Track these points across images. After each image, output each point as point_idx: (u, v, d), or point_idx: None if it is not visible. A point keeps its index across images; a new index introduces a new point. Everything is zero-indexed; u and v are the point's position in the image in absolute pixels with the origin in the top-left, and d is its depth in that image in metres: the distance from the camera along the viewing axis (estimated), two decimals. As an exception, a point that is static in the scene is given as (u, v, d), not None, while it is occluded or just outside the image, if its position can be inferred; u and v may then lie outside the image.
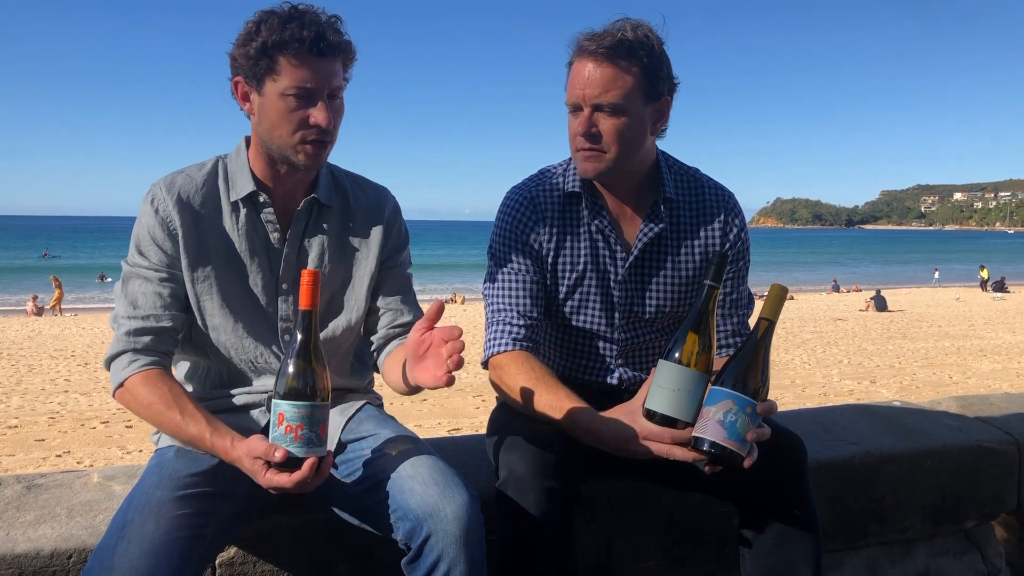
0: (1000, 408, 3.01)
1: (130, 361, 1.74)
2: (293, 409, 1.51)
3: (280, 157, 1.81)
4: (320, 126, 1.73)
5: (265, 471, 1.53)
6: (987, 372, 12.70)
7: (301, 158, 1.77)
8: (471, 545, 1.56)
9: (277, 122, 1.75)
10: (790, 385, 11.43)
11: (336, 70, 1.76)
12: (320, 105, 1.73)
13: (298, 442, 1.51)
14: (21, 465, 7.32)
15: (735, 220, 2.10)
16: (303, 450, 1.51)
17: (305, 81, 1.71)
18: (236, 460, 1.60)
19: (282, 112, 1.73)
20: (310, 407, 1.52)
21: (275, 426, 1.53)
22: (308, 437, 1.52)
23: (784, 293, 1.61)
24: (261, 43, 1.70)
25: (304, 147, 1.76)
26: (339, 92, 1.79)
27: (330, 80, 1.74)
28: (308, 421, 1.51)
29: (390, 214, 2.02)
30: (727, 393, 1.54)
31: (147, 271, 1.80)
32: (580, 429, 1.73)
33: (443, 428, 8.72)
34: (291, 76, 1.71)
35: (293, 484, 1.51)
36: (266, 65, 1.71)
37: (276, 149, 1.80)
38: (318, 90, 1.73)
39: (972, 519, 2.67)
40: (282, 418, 1.51)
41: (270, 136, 1.78)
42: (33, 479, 2.07)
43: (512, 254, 2.03)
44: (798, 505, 1.84)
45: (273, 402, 1.54)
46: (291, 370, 1.52)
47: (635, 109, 1.90)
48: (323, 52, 1.71)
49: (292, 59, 1.70)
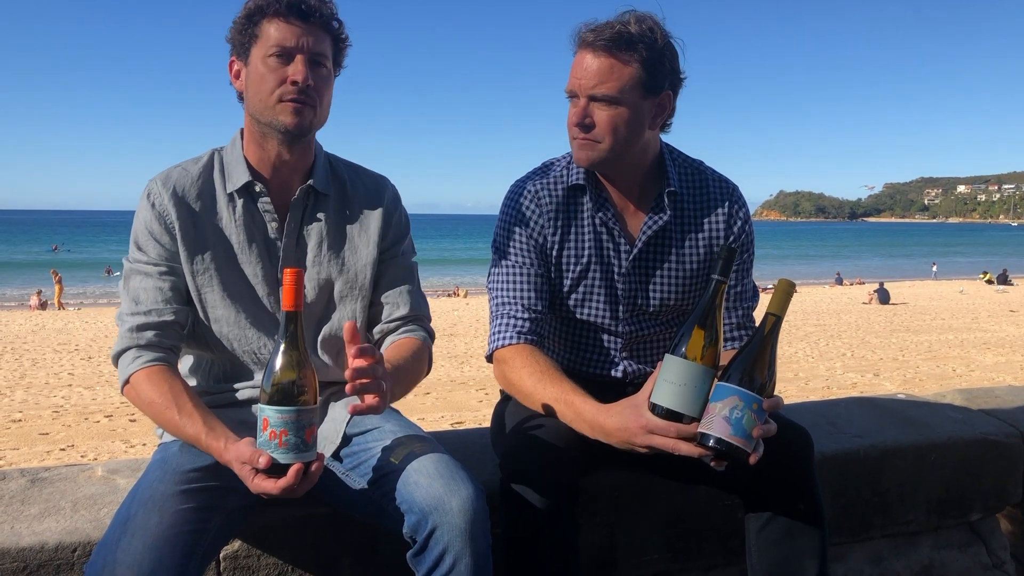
0: (1005, 401, 3.00)
1: (135, 357, 1.75)
2: (277, 415, 1.48)
3: (267, 125, 1.81)
4: (297, 81, 1.75)
5: (253, 476, 1.51)
6: (991, 365, 12.68)
7: (283, 118, 1.78)
8: (477, 538, 1.56)
9: (259, 85, 1.78)
10: (794, 378, 11.43)
11: (319, 36, 1.79)
12: (298, 60, 1.76)
13: (283, 448, 1.48)
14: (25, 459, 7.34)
15: (739, 212, 2.09)
16: (289, 456, 1.48)
17: (284, 40, 1.75)
18: (228, 463, 1.59)
19: (263, 74, 1.77)
20: (295, 412, 1.48)
21: (260, 431, 1.50)
22: (294, 443, 1.49)
23: (791, 288, 1.60)
24: (247, 12, 1.77)
25: (283, 106, 1.77)
26: (323, 59, 1.80)
27: (310, 41, 1.77)
28: (293, 426, 1.48)
29: (390, 202, 2.01)
30: (733, 389, 1.53)
31: (147, 266, 1.80)
32: (585, 422, 1.73)
33: (446, 421, 8.73)
34: (271, 37, 1.76)
35: (279, 491, 1.49)
36: (251, 33, 1.77)
37: (262, 115, 1.80)
38: (297, 48, 1.76)
39: (977, 512, 2.67)
40: (266, 423, 1.48)
41: (255, 105, 1.80)
42: (37, 472, 2.07)
43: (516, 248, 2.02)
44: (804, 498, 1.84)
45: (258, 406, 1.51)
46: (275, 374, 1.49)
47: (632, 102, 1.89)
48: (303, 14, 1.75)
49: (272, 20, 1.76)
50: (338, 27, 1.84)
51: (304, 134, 1.83)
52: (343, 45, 1.87)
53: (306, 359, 1.51)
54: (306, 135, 1.84)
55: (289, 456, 1.48)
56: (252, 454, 1.50)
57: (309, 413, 1.51)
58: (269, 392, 1.49)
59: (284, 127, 1.79)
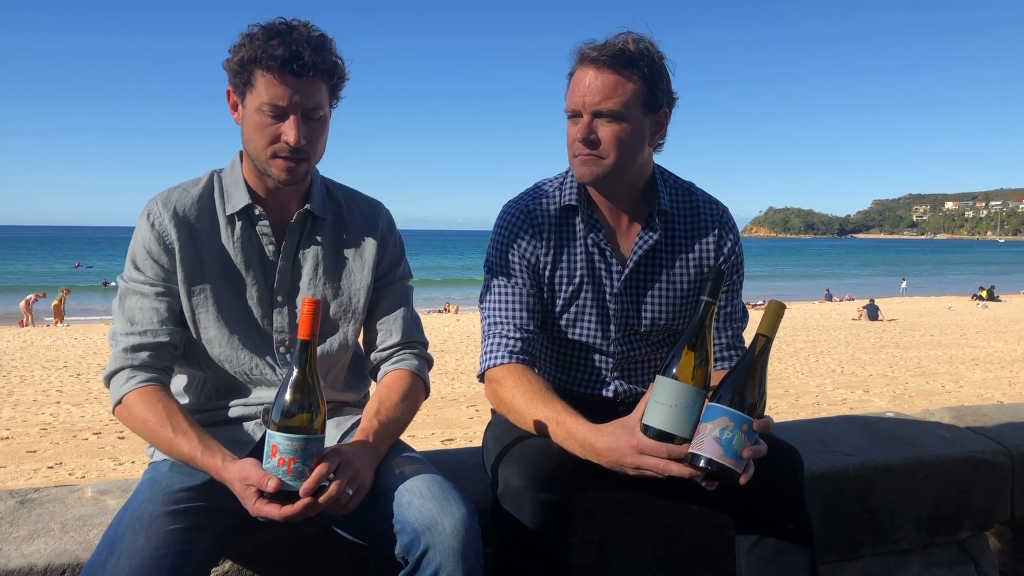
0: (992, 419, 3.02)
1: (128, 378, 1.75)
2: (287, 442, 1.50)
3: (261, 169, 1.82)
4: (289, 144, 1.74)
5: (255, 499, 1.52)
6: (979, 381, 12.74)
7: (275, 172, 1.79)
8: (469, 558, 1.56)
9: (253, 135, 1.78)
10: (784, 394, 11.44)
11: (314, 90, 1.75)
12: (291, 122, 1.74)
13: (291, 475, 1.50)
14: (12, 477, 7.27)
15: (729, 234, 2.12)
16: (296, 483, 1.50)
17: (276, 99, 1.72)
18: (227, 481, 1.59)
19: (257, 126, 1.76)
20: (304, 440, 1.50)
21: (268, 457, 1.52)
22: (301, 471, 1.51)
23: (782, 310, 1.61)
24: (240, 58, 1.73)
25: (276, 162, 1.78)
26: (317, 112, 1.77)
27: (305, 99, 1.73)
28: (301, 454, 1.50)
29: (384, 227, 2.03)
30: (723, 410, 1.54)
31: (143, 286, 1.81)
32: (576, 442, 1.73)
33: (437, 438, 8.70)
34: (264, 92, 1.73)
35: (282, 517, 1.51)
36: (245, 78, 1.75)
37: (257, 161, 1.81)
38: (290, 108, 1.73)
39: (966, 530, 2.68)
40: (275, 449, 1.50)
41: (249, 148, 1.81)
42: (26, 494, 2.06)
43: (508, 268, 2.04)
44: (794, 517, 1.85)
45: (267, 432, 1.53)
46: (287, 401, 1.50)
47: (634, 118, 1.92)
48: (297, 72, 1.71)
49: (265, 75, 1.72)
50: (334, 72, 1.79)
51: (297, 183, 1.84)
52: (341, 83, 1.84)
53: (318, 388, 1.53)
54: (300, 183, 1.86)
55: (297, 483, 1.50)
56: (260, 477, 1.51)
57: (317, 442, 1.53)
58: (280, 418, 1.50)
59: (277, 179, 1.80)
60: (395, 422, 1.82)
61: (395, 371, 1.95)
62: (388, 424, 1.79)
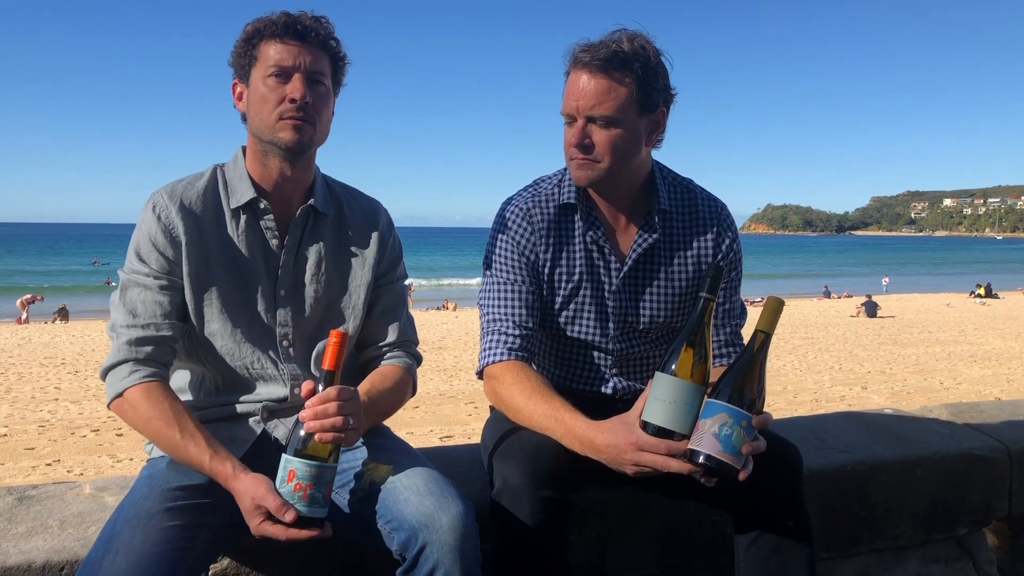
0: (990, 415, 3.03)
1: (131, 371, 1.73)
2: (306, 468, 1.53)
3: (268, 143, 1.83)
4: (295, 99, 1.78)
5: (261, 520, 1.55)
6: (977, 378, 12.76)
7: (283, 135, 1.80)
8: (466, 555, 1.56)
9: (260, 104, 1.81)
10: (782, 391, 11.46)
11: (317, 55, 1.82)
12: (296, 79, 1.79)
13: (305, 501, 1.53)
14: (11, 474, 7.27)
15: (728, 232, 2.12)
16: (308, 509, 1.54)
17: (281, 60, 1.79)
18: (236, 491, 1.61)
19: (262, 95, 1.80)
20: (321, 467, 1.54)
21: (284, 481, 1.55)
22: (314, 497, 1.54)
23: (780, 306, 1.61)
24: (246, 36, 1.81)
25: (283, 124, 1.80)
26: (320, 77, 1.83)
27: (308, 60, 1.80)
28: (317, 481, 1.54)
29: (384, 227, 2.04)
30: (722, 406, 1.54)
31: (147, 279, 1.79)
32: (575, 439, 1.73)
33: (435, 436, 8.71)
34: (269, 57, 1.80)
35: (286, 538, 1.54)
36: (250, 55, 1.81)
37: (263, 133, 1.82)
38: (294, 67, 1.79)
39: (964, 526, 2.68)
40: (292, 474, 1.53)
41: (257, 124, 1.83)
42: (25, 491, 2.06)
43: (507, 265, 2.04)
44: (793, 514, 1.85)
45: (284, 457, 1.56)
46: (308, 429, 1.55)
47: (629, 121, 1.90)
48: (299, 34, 1.79)
49: (269, 41, 1.80)
50: (336, 45, 1.87)
51: (304, 150, 1.85)
52: (342, 63, 1.90)
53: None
54: (306, 151, 1.86)
55: (309, 510, 1.54)
56: (278, 505, 1.53)
57: (332, 471, 1.58)
58: (301, 444, 1.54)
59: (285, 144, 1.81)
60: (380, 406, 1.86)
61: (389, 365, 1.99)
62: (373, 405, 1.82)
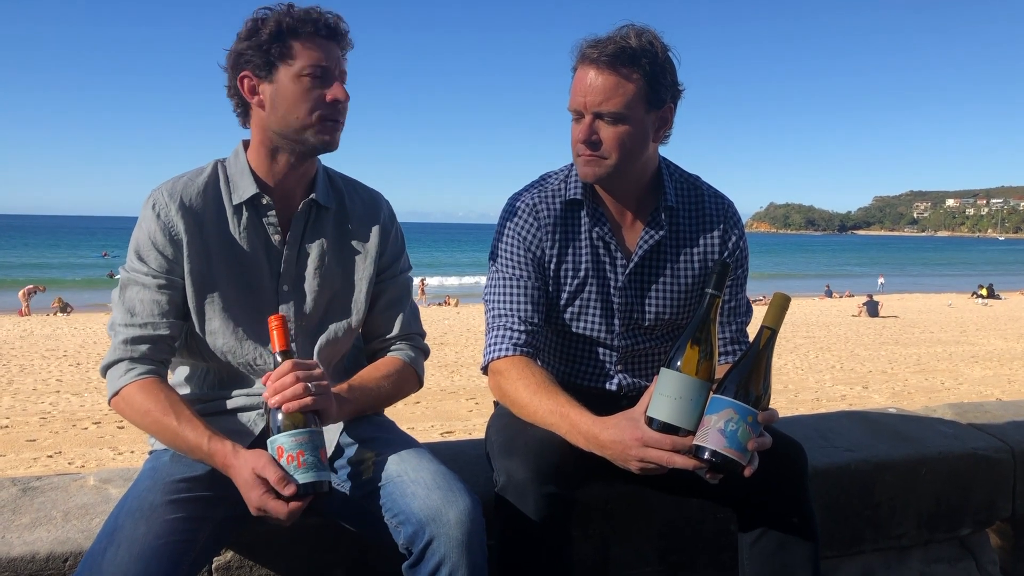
0: (995, 416, 3.02)
1: (127, 369, 1.74)
2: (290, 439, 1.54)
3: (295, 141, 1.81)
4: (339, 100, 1.78)
5: (263, 491, 1.54)
6: (979, 378, 12.74)
7: (322, 136, 1.80)
8: (473, 550, 1.56)
9: (294, 104, 1.77)
10: (783, 390, 11.45)
11: (343, 55, 1.83)
12: (337, 83, 1.79)
13: (302, 469, 1.54)
14: (12, 465, 7.28)
15: (734, 229, 2.11)
16: (309, 475, 1.54)
17: (321, 60, 1.77)
18: (235, 467, 1.60)
19: (298, 94, 1.77)
20: (307, 432, 1.56)
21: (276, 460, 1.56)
22: (312, 462, 1.54)
23: (786, 302, 1.60)
24: (274, 30, 1.75)
25: (323, 125, 1.79)
26: (345, 77, 1.83)
27: (340, 62, 1.81)
28: (308, 446, 1.55)
29: (386, 219, 2.03)
30: (728, 402, 1.54)
31: (146, 277, 1.79)
32: (580, 435, 1.73)
33: (436, 431, 8.71)
34: (307, 56, 1.76)
35: (286, 515, 1.54)
36: (279, 51, 1.76)
37: (291, 133, 1.80)
38: (334, 68, 1.79)
39: (967, 526, 2.68)
40: (281, 451, 1.54)
41: (285, 122, 1.79)
42: (29, 482, 2.06)
43: (513, 260, 2.03)
44: (797, 512, 1.85)
45: (268, 442, 1.58)
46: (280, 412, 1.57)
47: (636, 117, 1.90)
48: (333, 35, 1.79)
49: (306, 41, 1.76)
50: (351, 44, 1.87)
51: (334, 149, 1.86)
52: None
53: None
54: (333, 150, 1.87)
55: (309, 475, 1.54)
56: (278, 477, 1.53)
57: (319, 435, 1.58)
58: (277, 424, 1.57)
59: (321, 144, 1.82)
60: (369, 391, 1.86)
61: (388, 356, 1.99)
62: (360, 388, 1.84)
